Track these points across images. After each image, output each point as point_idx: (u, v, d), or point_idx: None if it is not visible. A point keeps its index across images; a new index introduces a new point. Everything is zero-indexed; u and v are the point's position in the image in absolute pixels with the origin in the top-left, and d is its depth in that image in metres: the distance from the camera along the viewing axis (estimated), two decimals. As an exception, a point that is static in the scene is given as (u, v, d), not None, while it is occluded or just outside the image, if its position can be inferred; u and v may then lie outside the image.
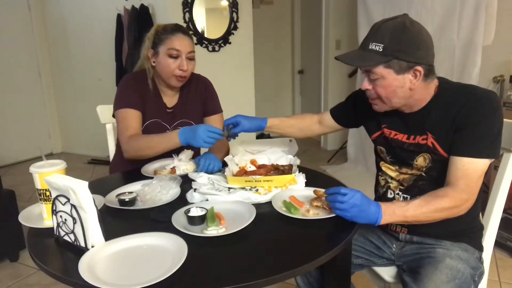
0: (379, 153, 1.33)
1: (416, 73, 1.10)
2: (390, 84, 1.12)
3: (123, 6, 3.54)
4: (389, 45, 1.08)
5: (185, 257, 0.86)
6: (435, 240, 1.23)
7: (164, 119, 1.65)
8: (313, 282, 1.36)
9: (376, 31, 1.11)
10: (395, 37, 1.08)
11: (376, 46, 1.09)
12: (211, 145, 1.39)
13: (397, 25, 1.09)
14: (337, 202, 1.03)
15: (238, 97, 3.71)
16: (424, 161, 1.19)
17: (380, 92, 1.14)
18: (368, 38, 1.12)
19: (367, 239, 1.36)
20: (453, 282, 1.10)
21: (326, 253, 0.92)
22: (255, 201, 1.20)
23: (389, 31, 1.09)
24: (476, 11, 2.64)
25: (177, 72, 1.55)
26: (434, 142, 1.16)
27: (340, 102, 1.50)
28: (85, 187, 0.92)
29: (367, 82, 1.16)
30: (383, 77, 1.11)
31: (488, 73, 2.81)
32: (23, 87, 4.37)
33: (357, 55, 1.16)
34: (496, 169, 1.27)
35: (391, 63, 1.09)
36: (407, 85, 1.12)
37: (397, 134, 1.25)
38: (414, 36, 1.09)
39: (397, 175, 1.27)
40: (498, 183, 1.25)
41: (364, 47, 1.13)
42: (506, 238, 2.26)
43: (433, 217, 1.09)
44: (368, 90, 1.17)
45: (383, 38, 1.09)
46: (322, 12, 4.31)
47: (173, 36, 1.55)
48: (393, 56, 1.08)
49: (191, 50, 1.57)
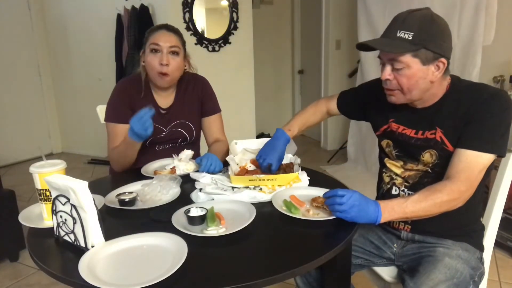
0: (384, 147, 1.33)
1: (440, 65, 1.11)
2: (414, 74, 1.11)
3: (123, 6, 3.53)
4: (419, 34, 1.08)
5: (185, 257, 0.86)
6: (436, 239, 1.23)
7: (158, 121, 1.63)
8: (312, 282, 1.36)
9: (403, 20, 1.11)
10: (425, 26, 1.08)
11: (405, 34, 1.09)
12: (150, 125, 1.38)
13: (426, 15, 1.10)
14: (336, 205, 1.03)
15: (238, 97, 3.71)
16: (430, 157, 1.20)
17: (402, 82, 1.14)
18: (394, 27, 1.12)
19: (367, 239, 1.36)
20: (451, 281, 1.10)
21: (326, 253, 0.92)
22: (262, 200, 1.21)
23: (418, 21, 1.09)
24: (476, 11, 2.64)
25: (158, 68, 1.53)
26: (442, 136, 1.17)
27: (348, 90, 1.52)
28: (85, 187, 0.92)
29: (389, 72, 1.15)
30: (408, 66, 1.11)
31: (488, 73, 2.81)
32: (23, 87, 4.37)
33: (384, 42, 1.14)
34: (496, 169, 1.27)
35: (419, 52, 1.09)
36: (429, 77, 1.12)
37: (405, 129, 1.25)
38: (441, 28, 1.10)
39: (402, 172, 1.27)
40: (498, 183, 1.25)
41: (391, 35, 1.12)
42: (506, 238, 2.26)
43: (433, 211, 1.09)
44: (389, 80, 1.16)
45: (412, 26, 1.09)
46: (322, 12, 4.31)
47: (156, 33, 1.56)
48: (422, 45, 1.08)
49: (173, 45, 1.55)
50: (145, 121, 1.37)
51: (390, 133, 1.30)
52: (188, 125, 1.69)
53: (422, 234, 1.26)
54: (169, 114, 1.67)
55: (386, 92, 1.21)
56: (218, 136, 1.77)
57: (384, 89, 1.21)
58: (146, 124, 1.37)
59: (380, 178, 1.37)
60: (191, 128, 1.70)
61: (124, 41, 3.61)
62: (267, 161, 1.37)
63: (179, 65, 1.59)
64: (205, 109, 1.74)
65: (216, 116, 1.77)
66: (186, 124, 1.69)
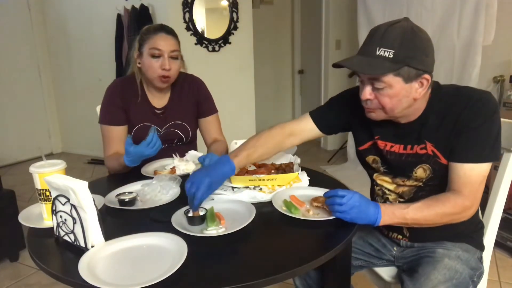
0: (371, 163, 1.27)
1: (423, 82, 1.04)
2: (397, 94, 1.04)
3: (123, 6, 3.54)
4: (400, 51, 1.00)
5: (185, 257, 0.86)
6: (436, 242, 1.23)
7: (153, 121, 1.64)
8: (311, 284, 1.35)
9: (382, 35, 1.02)
10: (406, 42, 1.00)
11: (386, 51, 1.00)
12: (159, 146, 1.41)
13: (406, 29, 1.01)
14: (336, 205, 1.02)
15: (238, 97, 3.71)
16: (424, 172, 1.15)
17: (384, 102, 1.06)
18: (373, 43, 1.03)
19: (366, 242, 1.35)
20: (450, 282, 1.09)
21: (326, 253, 0.92)
22: (261, 200, 1.21)
23: (399, 36, 1.00)
24: (476, 11, 2.64)
25: (160, 72, 1.53)
26: (434, 150, 1.12)
27: (318, 107, 1.35)
28: (85, 187, 0.92)
29: (369, 91, 1.07)
30: (390, 86, 1.03)
31: (488, 73, 2.81)
32: (23, 87, 4.37)
33: (363, 62, 1.04)
34: (496, 169, 1.26)
35: (401, 70, 1.01)
36: (412, 95, 1.05)
37: (393, 146, 1.18)
38: (424, 42, 1.03)
39: (395, 188, 1.23)
40: (498, 183, 1.25)
41: (369, 52, 1.03)
42: (506, 238, 2.26)
43: (434, 221, 1.08)
44: (370, 100, 1.08)
45: (392, 43, 1.00)
46: (322, 12, 4.31)
47: (155, 36, 1.54)
48: (404, 63, 1.00)
49: (174, 49, 1.55)
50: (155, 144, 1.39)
51: (377, 150, 1.23)
52: (184, 125, 1.69)
53: (422, 241, 1.25)
54: (164, 115, 1.67)
55: (365, 110, 1.14)
56: (216, 136, 1.77)
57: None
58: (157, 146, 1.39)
59: (372, 190, 1.33)
60: (187, 128, 1.70)
61: (124, 41, 3.61)
62: (193, 189, 1.07)
63: (179, 68, 1.60)
64: (202, 110, 1.74)
65: (214, 117, 1.77)
66: (182, 124, 1.69)
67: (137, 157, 1.41)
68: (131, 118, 1.62)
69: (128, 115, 1.62)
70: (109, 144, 1.60)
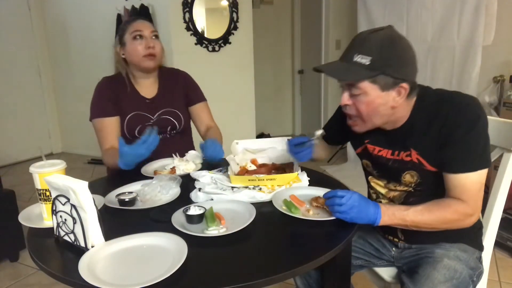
0: (366, 167, 1.30)
1: (401, 91, 1.04)
2: (373, 101, 1.05)
3: (123, 6, 3.53)
4: (377, 59, 1.00)
5: (185, 257, 0.86)
6: (433, 245, 1.22)
7: (144, 110, 1.67)
8: (312, 283, 1.35)
9: (362, 42, 1.03)
10: (384, 50, 1.00)
11: (363, 58, 1.01)
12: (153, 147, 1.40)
13: (385, 37, 1.02)
14: (336, 205, 1.02)
15: (238, 97, 3.71)
16: (411, 177, 1.16)
17: (361, 108, 1.07)
18: (353, 49, 1.04)
19: (366, 241, 1.36)
20: (450, 282, 1.09)
21: (326, 253, 0.92)
22: (261, 199, 1.21)
23: (377, 43, 1.01)
24: (476, 11, 2.64)
25: (145, 51, 1.60)
26: (419, 158, 1.11)
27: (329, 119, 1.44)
28: (85, 187, 0.92)
29: (347, 97, 1.08)
30: (366, 93, 1.04)
31: (488, 73, 2.81)
32: (23, 87, 4.37)
33: (340, 68, 1.06)
34: (496, 169, 1.27)
35: (377, 78, 1.02)
36: (389, 103, 1.06)
37: (381, 150, 1.20)
38: (402, 51, 1.03)
39: (386, 192, 1.24)
40: (498, 183, 1.24)
41: (348, 58, 1.04)
42: (506, 238, 2.26)
43: (433, 226, 1.08)
44: (348, 105, 1.10)
45: (370, 50, 1.00)
46: (322, 12, 4.31)
47: (133, 22, 1.64)
48: (380, 71, 1.01)
49: (153, 30, 1.64)
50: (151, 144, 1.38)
51: (367, 154, 1.25)
52: (175, 112, 1.71)
53: (418, 243, 1.25)
54: (155, 103, 1.69)
55: (347, 121, 1.16)
56: (209, 123, 1.81)
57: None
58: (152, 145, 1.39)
59: (368, 192, 1.35)
60: (179, 115, 1.72)
61: (124, 41, 3.60)
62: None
63: (161, 48, 1.66)
64: (191, 98, 1.79)
65: (204, 104, 1.81)
66: (173, 111, 1.71)
67: (132, 157, 1.40)
68: (122, 108, 1.64)
69: (119, 106, 1.64)
70: (103, 138, 1.62)
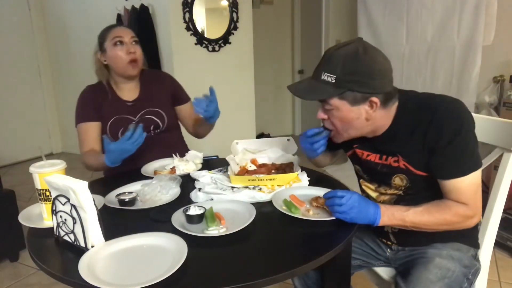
0: (357, 171, 1.31)
1: (372, 104, 1.05)
2: (346, 116, 1.07)
3: (123, 6, 3.53)
4: (341, 76, 1.02)
5: (185, 257, 0.86)
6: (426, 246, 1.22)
7: (125, 113, 1.68)
8: (311, 284, 1.35)
9: (328, 59, 1.04)
10: (348, 67, 1.01)
11: (329, 77, 1.03)
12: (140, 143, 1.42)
13: (349, 53, 1.02)
14: (336, 206, 1.03)
15: (238, 97, 3.71)
16: (401, 181, 1.16)
17: (335, 123, 1.11)
18: (320, 66, 1.06)
19: (363, 241, 1.36)
20: (442, 281, 1.09)
21: (326, 253, 0.92)
22: (260, 199, 1.21)
23: (341, 60, 1.02)
24: (476, 11, 2.64)
25: (127, 57, 1.62)
26: (406, 164, 1.12)
27: None
28: (85, 187, 0.92)
29: (323, 112, 1.11)
30: (337, 109, 1.06)
31: (488, 73, 2.81)
32: (23, 87, 4.37)
33: (308, 87, 1.08)
34: (496, 169, 1.26)
35: (344, 95, 1.03)
36: (363, 116, 1.07)
37: (370, 155, 1.20)
38: (367, 65, 1.02)
39: (377, 196, 1.24)
40: (498, 183, 1.24)
41: (317, 76, 1.06)
42: (506, 238, 2.26)
43: (433, 227, 1.08)
44: (325, 119, 1.13)
45: (335, 68, 1.02)
46: (322, 12, 4.31)
47: (113, 29, 1.66)
48: (346, 88, 1.02)
49: (133, 36, 1.66)
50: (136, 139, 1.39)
51: (357, 158, 1.25)
52: (157, 111, 1.71)
53: (411, 245, 1.25)
54: (136, 106, 1.70)
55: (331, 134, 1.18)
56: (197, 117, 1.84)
57: None
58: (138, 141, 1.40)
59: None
60: (162, 114, 1.72)
61: (124, 41, 3.60)
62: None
63: (141, 53, 1.68)
64: (179, 98, 1.82)
65: (189, 103, 1.85)
66: (155, 111, 1.71)
67: (118, 154, 1.41)
68: (104, 114, 1.66)
69: (101, 113, 1.66)
70: (84, 141, 1.64)
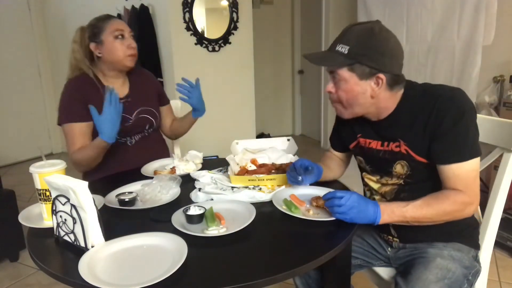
0: (359, 164, 1.32)
1: (379, 81, 1.08)
2: (352, 89, 1.10)
3: (123, 6, 3.53)
4: (353, 49, 1.06)
5: (185, 257, 0.86)
6: (427, 243, 1.22)
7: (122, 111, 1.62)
8: (311, 284, 1.35)
9: (344, 33, 1.10)
10: (361, 41, 1.07)
11: (342, 48, 1.08)
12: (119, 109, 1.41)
13: (365, 29, 1.08)
14: (335, 206, 1.03)
15: (238, 97, 3.71)
16: (402, 168, 1.17)
17: (341, 95, 1.13)
18: (337, 39, 1.11)
19: (364, 240, 1.36)
20: (442, 282, 1.09)
21: (326, 253, 0.92)
22: (260, 199, 1.21)
23: (356, 34, 1.08)
24: (476, 11, 2.64)
25: (128, 51, 1.60)
26: (408, 149, 1.14)
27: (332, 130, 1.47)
28: (85, 187, 0.92)
29: (331, 85, 1.15)
30: (345, 80, 1.10)
31: (488, 73, 2.81)
32: (23, 87, 4.37)
33: (322, 55, 1.16)
34: (496, 169, 1.26)
35: (354, 66, 1.07)
36: (368, 92, 1.10)
37: (372, 142, 1.23)
38: (380, 43, 1.07)
39: (379, 187, 1.25)
40: (498, 183, 1.24)
41: (332, 48, 1.12)
42: (506, 238, 2.26)
43: (434, 219, 1.08)
44: (331, 93, 1.16)
45: (349, 40, 1.07)
46: (322, 12, 4.31)
47: (111, 21, 1.62)
48: (356, 60, 1.07)
49: (131, 30, 1.64)
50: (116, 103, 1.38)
51: (360, 149, 1.28)
52: (151, 110, 1.72)
53: (412, 242, 1.25)
54: (130, 102, 1.67)
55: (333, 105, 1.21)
56: (174, 117, 1.88)
57: None
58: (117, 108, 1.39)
59: (364, 192, 1.36)
60: (155, 113, 1.73)
61: (124, 41, 3.60)
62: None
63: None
64: (163, 98, 1.84)
65: (169, 105, 1.88)
66: (149, 110, 1.71)
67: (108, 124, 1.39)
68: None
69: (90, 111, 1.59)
70: (74, 142, 1.52)
